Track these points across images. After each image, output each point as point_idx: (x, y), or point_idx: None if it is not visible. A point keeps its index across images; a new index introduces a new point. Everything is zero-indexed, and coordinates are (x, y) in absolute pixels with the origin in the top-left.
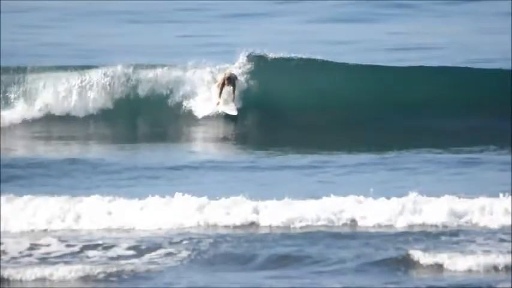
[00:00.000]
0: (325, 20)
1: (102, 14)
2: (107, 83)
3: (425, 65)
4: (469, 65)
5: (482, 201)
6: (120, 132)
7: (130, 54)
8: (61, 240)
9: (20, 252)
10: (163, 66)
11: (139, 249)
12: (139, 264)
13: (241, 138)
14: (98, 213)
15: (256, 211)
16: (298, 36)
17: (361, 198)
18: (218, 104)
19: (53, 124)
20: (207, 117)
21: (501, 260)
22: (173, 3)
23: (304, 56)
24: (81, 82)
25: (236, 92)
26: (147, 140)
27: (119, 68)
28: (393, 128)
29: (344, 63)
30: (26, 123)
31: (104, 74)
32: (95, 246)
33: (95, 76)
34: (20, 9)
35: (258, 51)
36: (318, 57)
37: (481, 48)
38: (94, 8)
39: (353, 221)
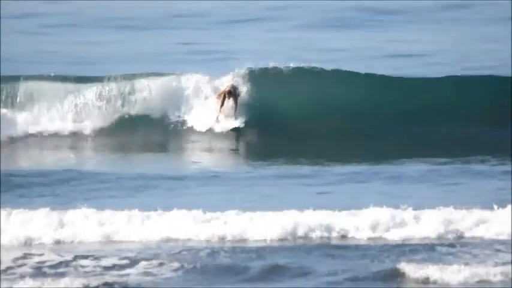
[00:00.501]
0: (319, 27)
1: (99, 21)
2: (104, 98)
3: (422, 72)
4: (465, 73)
5: (480, 211)
6: (118, 146)
7: (127, 63)
8: (54, 251)
9: (14, 262)
10: (161, 76)
11: (133, 261)
12: (133, 275)
13: (239, 150)
14: (91, 224)
15: (252, 222)
16: (294, 43)
17: (358, 209)
18: (218, 118)
19: (52, 138)
20: (206, 130)
21: (495, 271)
22: (170, 9)
23: (301, 65)
24: (76, 105)
25: (237, 105)
26: (145, 153)
27: (115, 84)
28: (392, 137)
29: (341, 71)
30: (25, 137)
31: (100, 95)
32: (88, 257)
33: (90, 94)
34: (15, 15)
35: (256, 61)
36: (316, 65)
37: (478, 55)
38: (91, 14)
39: (348, 233)
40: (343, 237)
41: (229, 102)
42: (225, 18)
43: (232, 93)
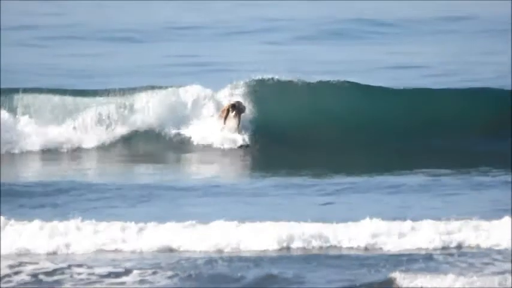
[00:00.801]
0: (317, 38)
1: (98, 34)
2: (105, 112)
3: (421, 83)
4: (465, 85)
5: (478, 222)
6: (119, 159)
7: (126, 75)
8: (49, 260)
9: (10, 269)
10: (160, 89)
11: (128, 270)
12: (129, 283)
13: (240, 161)
14: (86, 235)
15: (249, 233)
16: (292, 55)
17: (357, 219)
18: (223, 128)
19: (52, 151)
20: (208, 144)
21: (491, 280)
22: (167, 22)
23: (299, 77)
24: (76, 118)
25: (241, 121)
26: (145, 165)
27: (115, 98)
28: (392, 148)
29: (341, 83)
30: (26, 149)
31: (100, 108)
32: (83, 266)
33: (90, 108)
34: (13, 27)
35: (254, 73)
36: (315, 77)
37: (477, 67)
38: (89, 27)
39: (346, 243)
40: (341, 247)
41: (232, 117)
42: (222, 31)
43: (236, 107)
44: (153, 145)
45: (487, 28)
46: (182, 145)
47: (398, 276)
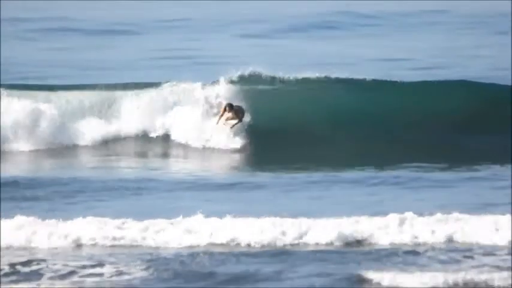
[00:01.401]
0: (304, 32)
1: (85, 27)
2: (92, 111)
3: (415, 76)
4: (452, 77)
5: (461, 216)
6: (107, 156)
7: (111, 70)
8: (28, 253)
9: None
10: (152, 86)
11: (102, 265)
12: (104, 278)
13: (230, 157)
14: (65, 229)
15: (232, 228)
16: (280, 49)
17: (343, 214)
18: (216, 125)
19: (38, 150)
20: (200, 142)
21: (456, 277)
22: (155, 15)
23: (288, 71)
24: (64, 115)
25: (238, 122)
26: (135, 162)
27: (102, 93)
28: (384, 143)
29: (329, 78)
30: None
31: (88, 110)
32: (60, 259)
33: (77, 111)
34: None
35: (243, 67)
36: (305, 71)
37: (465, 60)
38: (75, 21)
39: (326, 238)
40: (322, 243)
41: (228, 115)
42: (210, 24)
43: (234, 108)
44: (140, 142)
45: (476, 21)
46: (169, 142)
47: (370, 272)
